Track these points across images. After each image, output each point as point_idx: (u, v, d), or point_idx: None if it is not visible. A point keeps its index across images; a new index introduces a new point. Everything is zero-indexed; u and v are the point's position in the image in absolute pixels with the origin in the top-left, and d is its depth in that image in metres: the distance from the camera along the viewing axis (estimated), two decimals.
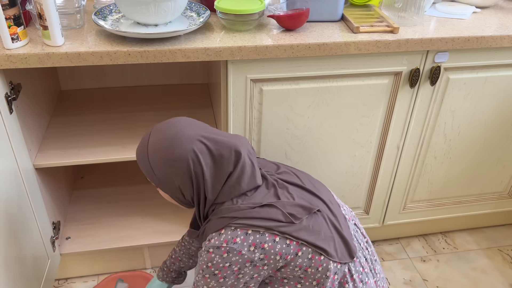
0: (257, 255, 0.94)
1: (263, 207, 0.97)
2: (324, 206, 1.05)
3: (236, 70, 1.23)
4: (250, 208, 0.97)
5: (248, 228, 0.94)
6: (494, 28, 1.32)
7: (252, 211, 0.96)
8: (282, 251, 0.95)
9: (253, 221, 0.95)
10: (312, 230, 0.98)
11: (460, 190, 1.66)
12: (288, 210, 0.98)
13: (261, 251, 0.94)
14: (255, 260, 0.94)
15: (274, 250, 0.95)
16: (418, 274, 1.66)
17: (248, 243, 0.93)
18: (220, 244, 0.93)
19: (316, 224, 0.99)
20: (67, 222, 1.59)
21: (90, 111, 1.59)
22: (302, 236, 0.96)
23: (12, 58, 1.08)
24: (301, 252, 0.97)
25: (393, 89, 1.36)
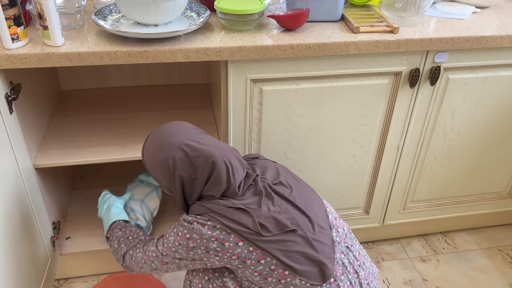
0: (214, 246, 0.99)
1: (238, 211, 1.01)
2: (309, 225, 1.05)
3: (236, 70, 1.23)
4: (226, 207, 1.01)
5: (217, 223, 1.00)
6: (494, 28, 1.32)
7: (227, 210, 1.01)
8: (241, 254, 0.99)
9: (223, 219, 1.00)
10: (282, 246, 1.00)
11: (460, 190, 1.66)
12: (262, 220, 1.00)
13: (221, 246, 0.99)
14: (210, 248, 1.00)
15: (232, 251, 0.99)
16: (418, 274, 1.66)
17: (211, 234, 0.99)
18: (192, 221, 1.01)
19: (289, 242, 1.01)
20: (67, 222, 1.59)
21: (90, 111, 1.59)
22: (268, 248, 0.99)
23: (12, 58, 1.08)
24: (264, 261, 0.99)
25: (393, 89, 1.36)
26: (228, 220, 0.99)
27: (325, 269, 1.03)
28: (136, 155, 1.35)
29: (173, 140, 1.05)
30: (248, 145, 1.38)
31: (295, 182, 1.13)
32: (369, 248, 1.75)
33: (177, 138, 1.05)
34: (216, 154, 1.03)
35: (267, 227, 1.00)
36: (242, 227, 0.99)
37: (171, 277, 1.59)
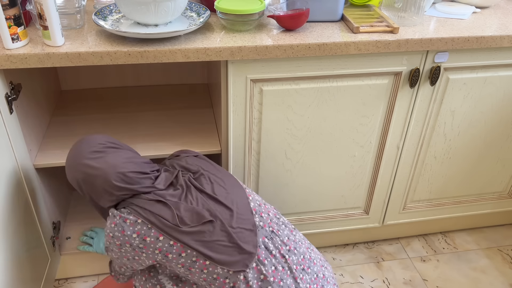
0: (136, 242, 1.02)
1: (158, 203, 1.04)
2: (227, 214, 1.07)
3: (236, 70, 1.23)
4: (147, 200, 1.04)
5: (139, 217, 1.02)
6: (494, 28, 1.32)
7: (147, 203, 1.04)
8: (163, 248, 1.02)
9: (144, 212, 1.02)
10: (201, 237, 1.03)
11: (460, 190, 1.66)
12: (181, 213, 1.03)
13: (142, 242, 1.02)
14: (133, 245, 1.02)
15: (154, 245, 1.02)
16: (418, 274, 1.66)
17: (133, 230, 1.02)
18: (116, 214, 1.04)
19: (208, 233, 1.03)
20: (67, 222, 1.59)
21: (90, 111, 1.59)
22: (186, 241, 1.02)
23: (12, 58, 1.08)
24: (185, 253, 1.02)
25: (393, 89, 1.36)
26: (148, 213, 1.02)
27: (245, 255, 1.05)
28: None
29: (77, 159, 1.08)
30: (248, 145, 1.38)
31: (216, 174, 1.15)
32: (369, 248, 1.75)
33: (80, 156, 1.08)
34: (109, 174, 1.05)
35: (185, 219, 1.03)
36: (161, 219, 1.02)
37: None
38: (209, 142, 1.42)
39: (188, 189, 1.08)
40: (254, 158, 1.41)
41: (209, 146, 1.40)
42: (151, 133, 1.46)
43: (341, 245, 1.76)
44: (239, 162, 1.40)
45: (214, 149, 1.39)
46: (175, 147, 1.39)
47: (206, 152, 1.39)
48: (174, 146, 1.40)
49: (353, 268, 1.67)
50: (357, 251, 1.74)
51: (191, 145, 1.41)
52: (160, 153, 1.36)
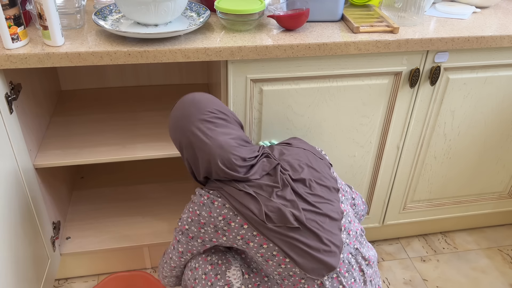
0: (221, 224, 1.02)
1: (247, 195, 1.03)
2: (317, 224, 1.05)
3: (236, 70, 1.23)
4: (237, 189, 1.03)
5: (226, 202, 1.02)
6: (494, 28, 1.32)
7: (237, 193, 1.03)
8: (245, 236, 1.02)
9: (232, 200, 1.02)
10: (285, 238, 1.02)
11: (460, 190, 1.66)
12: (269, 210, 1.01)
13: (227, 225, 1.02)
14: (218, 228, 1.03)
15: (238, 231, 1.02)
16: (418, 274, 1.66)
17: (220, 212, 1.02)
18: (204, 194, 1.04)
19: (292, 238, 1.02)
20: (67, 222, 1.60)
21: (90, 111, 1.59)
22: (270, 236, 1.01)
23: (12, 58, 1.08)
24: (266, 245, 1.02)
25: (393, 89, 1.36)
26: (236, 202, 1.01)
27: (325, 266, 1.04)
28: (136, 155, 1.35)
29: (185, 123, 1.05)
30: None
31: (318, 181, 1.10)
32: None
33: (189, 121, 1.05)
34: (215, 154, 1.03)
35: (272, 217, 1.01)
36: (248, 211, 1.01)
37: None
38: None
39: (284, 188, 1.05)
40: None
41: None
42: (151, 133, 1.46)
43: None
44: None
45: None
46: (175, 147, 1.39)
47: None
48: (174, 146, 1.39)
49: None
50: None
51: None
52: (160, 153, 1.36)
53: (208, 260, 1.13)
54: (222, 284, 1.09)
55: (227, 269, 1.11)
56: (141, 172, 1.85)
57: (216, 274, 1.11)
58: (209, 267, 1.12)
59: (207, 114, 1.06)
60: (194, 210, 1.04)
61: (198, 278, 1.12)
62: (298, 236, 1.02)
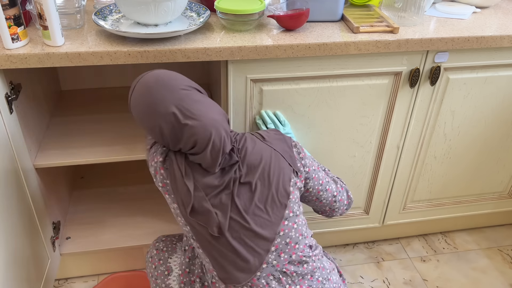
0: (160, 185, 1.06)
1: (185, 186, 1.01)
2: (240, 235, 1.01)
3: (236, 70, 1.23)
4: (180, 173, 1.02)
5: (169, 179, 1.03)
6: (494, 28, 1.32)
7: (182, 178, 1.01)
8: (176, 211, 1.05)
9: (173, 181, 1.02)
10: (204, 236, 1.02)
11: (460, 190, 1.66)
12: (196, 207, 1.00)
13: (163, 189, 1.05)
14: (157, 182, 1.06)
15: (171, 202, 1.05)
16: (418, 274, 1.66)
17: (161, 180, 1.04)
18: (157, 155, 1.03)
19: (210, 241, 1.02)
20: (67, 222, 1.59)
21: (90, 111, 1.59)
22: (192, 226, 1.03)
23: (12, 58, 1.08)
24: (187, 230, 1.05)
25: (393, 89, 1.36)
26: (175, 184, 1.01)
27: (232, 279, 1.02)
28: (136, 155, 1.35)
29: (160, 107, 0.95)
30: None
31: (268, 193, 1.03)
32: (369, 248, 1.75)
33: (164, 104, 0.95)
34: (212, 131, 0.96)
35: (199, 213, 0.99)
36: (178, 195, 1.01)
37: None
38: None
39: (226, 189, 1.01)
40: None
41: None
42: None
43: (341, 245, 1.76)
44: None
45: None
46: None
47: None
48: None
49: (353, 268, 1.67)
50: (357, 251, 1.74)
51: None
52: None
53: (155, 245, 1.24)
54: (163, 269, 1.19)
55: (169, 256, 1.21)
56: (141, 172, 1.85)
57: (159, 259, 1.21)
58: (155, 251, 1.23)
59: (185, 90, 0.97)
60: (149, 155, 1.05)
61: (147, 261, 1.24)
62: (215, 242, 1.00)
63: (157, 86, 0.97)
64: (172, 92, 0.96)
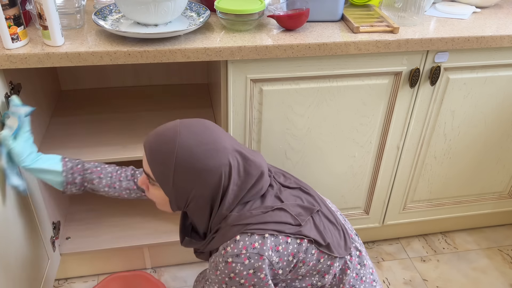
0: (274, 259, 0.93)
1: (274, 211, 0.97)
2: (319, 202, 1.08)
3: (236, 70, 1.23)
4: (262, 213, 0.96)
5: (264, 232, 0.93)
6: (494, 28, 1.32)
7: (265, 215, 0.96)
8: (294, 250, 0.96)
9: (268, 225, 0.94)
10: (316, 229, 1.01)
11: (460, 190, 1.66)
12: (294, 212, 0.99)
13: (276, 253, 0.94)
14: (273, 264, 0.94)
15: (287, 251, 0.95)
16: (418, 274, 1.66)
17: (266, 247, 0.93)
18: (239, 252, 0.91)
19: (318, 223, 1.02)
20: (67, 222, 1.59)
21: (90, 111, 1.59)
22: (311, 235, 0.98)
23: (12, 58, 1.08)
24: (305, 247, 0.98)
25: (393, 89, 1.36)
26: (271, 224, 0.95)
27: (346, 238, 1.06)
28: (136, 155, 1.35)
29: (225, 143, 0.95)
30: (248, 145, 1.37)
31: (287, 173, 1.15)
32: (369, 248, 1.75)
33: (227, 141, 0.96)
34: (262, 164, 1.00)
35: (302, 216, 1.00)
36: (284, 225, 0.96)
37: (171, 277, 1.59)
38: None
39: (282, 190, 1.05)
40: None
41: None
42: None
43: None
44: None
45: None
46: None
47: None
48: None
49: None
50: None
51: None
52: None
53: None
54: None
55: None
56: None
57: None
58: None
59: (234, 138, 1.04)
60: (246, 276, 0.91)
61: None
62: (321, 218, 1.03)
63: (211, 123, 0.99)
64: (222, 129, 1.00)
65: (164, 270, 1.62)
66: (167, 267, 1.63)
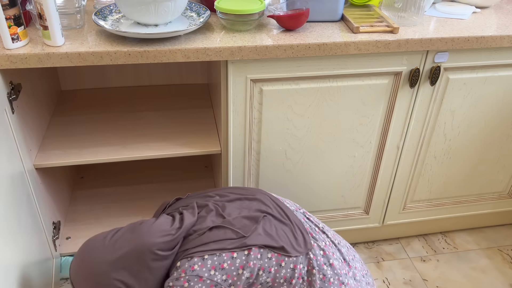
0: (218, 277, 0.93)
1: (212, 230, 0.98)
2: (270, 205, 1.08)
3: (236, 70, 1.23)
4: (199, 236, 0.97)
5: (203, 254, 0.94)
6: (494, 28, 1.32)
7: (203, 237, 0.97)
8: (243, 263, 0.96)
9: (206, 246, 0.95)
10: (266, 234, 1.01)
11: (460, 190, 1.66)
12: (237, 226, 1.00)
13: (222, 271, 0.94)
14: (218, 283, 0.94)
15: (234, 266, 0.95)
16: (418, 274, 1.66)
17: (207, 268, 0.93)
18: (178, 276, 0.93)
19: (268, 228, 1.02)
20: (67, 222, 1.60)
21: (90, 111, 1.59)
22: (259, 242, 0.99)
23: (12, 58, 1.08)
24: (259, 254, 0.98)
25: (393, 89, 1.36)
26: (210, 244, 0.96)
27: (304, 235, 1.06)
28: (136, 155, 1.35)
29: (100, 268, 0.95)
30: (248, 145, 1.38)
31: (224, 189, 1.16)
32: (369, 248, 1.75)
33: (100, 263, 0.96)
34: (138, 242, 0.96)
35: (244, 227, 1.00)
36: (225, 241, 0.97)
37: None
38: (209, 142, 1.42)
39: (222, 206, 1.05)
40: (254, 158, 1.41)
41: (209, 146, 1.40)
42: (151, 133, 1.46)
43: None
44: (239, 162, 1.40)
45: (214, 149, 1.39)
46: (175, 147, 1.39)
47: (206, 152, 1.39)
48: (174, 146, 1.40)
49: None
50: (357, 251, 1.74)
51: (191, 145, 1.41)
52: (160, 153, 1.36)
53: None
54: None
55: None
56: (141, 172, 1.85)
57: None
58: None
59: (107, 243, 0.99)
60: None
61: None
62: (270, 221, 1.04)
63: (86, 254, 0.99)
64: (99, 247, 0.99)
65: None
66: None
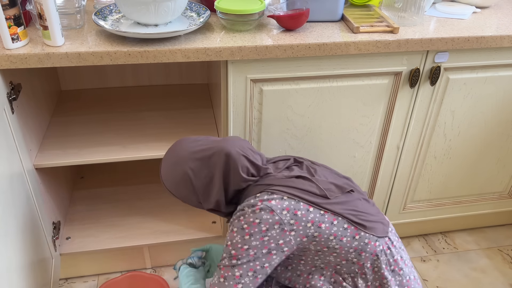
0: (287, 219, 0.96)
1: (298, 178, 1.02)
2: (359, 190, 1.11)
3: (236, 70, 1.23)
4: (286, 178, 1.01)
5: (284, 194, 0.98)
6: (494, 28, 1.32)
7: (288, 180, 1.01)
8: (315, 219, 0.99)
9: (289, 189, 0.99)
10: (348, 206, 1.03)
11: (460, 190, 1.66)
12: (323, 185, 1.02)
13: (293, 216, 0.97)
14: (284, 223, 0.96)
15: (306, 218, 0.98)
16: (418, 274, 1.66)
17: (282, 206, 0.97)
18: (255, 203, 0.98)
19: (352, 202, 1.04)
20: (67, 222, 1.59)
21: (90, 111, 1.59)
22: (336, 210, 1.00)
23: (12, 58, 1.08)
24: (336, 221, 1.00)
25: (393, 89, 1.36)
26: (292, 189, 0.99)
27: (383, 220, 1.08)
28: (136, 155, 1.35)
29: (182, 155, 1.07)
30: None
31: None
32: None
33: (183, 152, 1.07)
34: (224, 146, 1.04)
35: (330, 190, 1.02)
36: (308, 193, 1.00)
37: (171, 277, 1.59)
38: None
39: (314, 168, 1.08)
40: None
41: None
42: (151, 133, 1.46)
43: None
44: None
45: None
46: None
47: None
48: None
49: None
50: None
51: None
52: (160, 153, 1.36)
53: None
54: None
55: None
56: (141, 172, 1.85)
57: None
58: None
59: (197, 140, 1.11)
60: (251, 222, 0.96)
61: None
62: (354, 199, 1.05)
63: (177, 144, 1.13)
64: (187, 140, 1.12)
65: (164, 270, 1.62)
66: (167, 267, 1.63)
